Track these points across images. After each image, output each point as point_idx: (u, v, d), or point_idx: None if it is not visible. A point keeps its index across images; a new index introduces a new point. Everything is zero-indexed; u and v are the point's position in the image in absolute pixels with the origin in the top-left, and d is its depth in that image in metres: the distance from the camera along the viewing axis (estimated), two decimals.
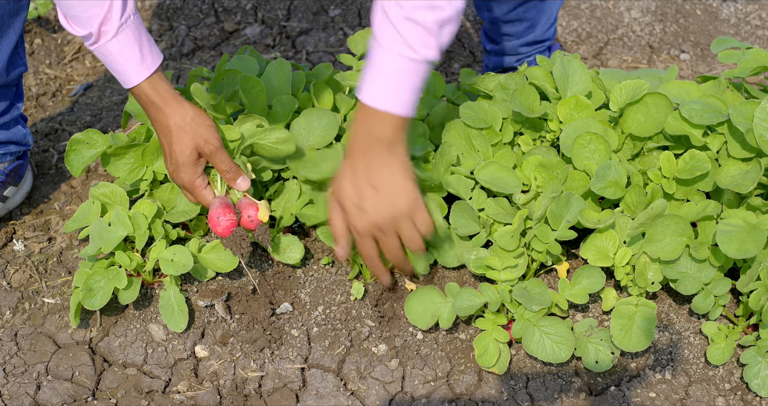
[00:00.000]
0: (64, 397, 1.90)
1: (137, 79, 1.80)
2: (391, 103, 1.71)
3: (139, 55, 1.78)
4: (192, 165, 1.87)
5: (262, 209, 1.91)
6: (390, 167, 1.76)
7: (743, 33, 3.07)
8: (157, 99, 1.82)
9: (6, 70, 2.11)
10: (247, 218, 1.90)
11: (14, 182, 2.28)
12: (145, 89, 1.81)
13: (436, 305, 1.96)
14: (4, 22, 2.04)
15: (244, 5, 3.14)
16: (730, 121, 1.98)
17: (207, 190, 1.92)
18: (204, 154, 1.86)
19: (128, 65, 1.79)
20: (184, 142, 1.84)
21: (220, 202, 1.89)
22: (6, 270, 2.17)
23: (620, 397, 1.91)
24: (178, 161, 1.86)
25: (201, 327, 2.03)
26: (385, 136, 1.73)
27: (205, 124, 1.85)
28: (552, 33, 2.53)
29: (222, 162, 1.87)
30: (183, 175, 1.88)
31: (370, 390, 1.92)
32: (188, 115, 1.83)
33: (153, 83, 1.82)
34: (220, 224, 1.87)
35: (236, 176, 1.90)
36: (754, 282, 1.86)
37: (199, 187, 1.90)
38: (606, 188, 1.96)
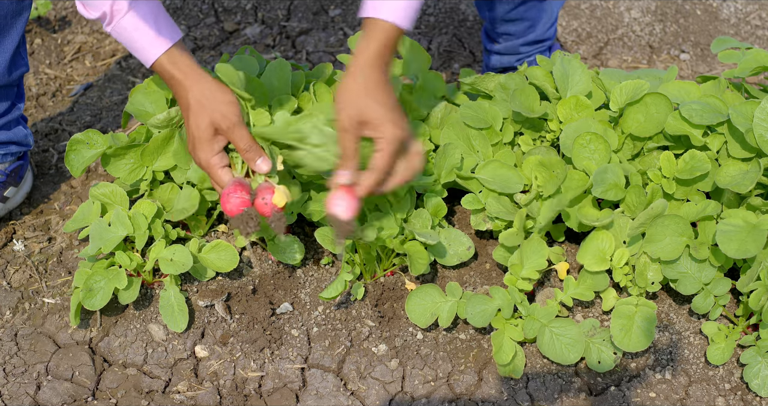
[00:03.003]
0: (64, 397, 1.90)
1: (155, 54, 1.76)
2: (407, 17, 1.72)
3: (155, 30, 1.75)
4: (208, 141, 1.79)
5: (279, 193, 1.81)
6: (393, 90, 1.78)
7: (743, 33, 3.07)
8: (176, 73, 1.78)
9: (8, 70, 2.11)
10: (261, 200, 1.80)
11: (14, 183, 2.28)
12: (164, 64, 1.78)
13: (436, 304, 1.96)
14: (6, 23, 2.04)
15: (244, 5, 3.14)
16: (730, 121, 1.98)
17: (224, 170, 1.82)
18: (221, 131, 1.78)
19: (145, 40, 1.75)
20: (200, 116, 1.78)
21: (236, 180, 1.80)
22: (6, 270, 2.17)
23: (620, 397, 1.91)
24: (194, 137, 1.79)
25: (201, 327, 2.03)
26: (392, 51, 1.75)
27: (225, 99, 1.79)
28: (552, 33, 2.53)
29: (241, 139, 1.78)
30: (200, 153, 1.80)
31: (370, 390, 1.92)
32: (208, 89, 1.78)
33: (172, 57, 1.78)
34: (230, 201, 1.77)
35: (256, 156, 1.80)
36: (754, 282, 1.86)
37: (215, 166, 1.80)
38: (607, 191, 1.96)
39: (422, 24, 3.07)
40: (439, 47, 2.97)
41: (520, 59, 2.55)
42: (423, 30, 3.04)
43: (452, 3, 3.15)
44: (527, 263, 1.95)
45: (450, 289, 1.97)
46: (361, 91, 1.74)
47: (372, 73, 1.74)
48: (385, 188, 1.81)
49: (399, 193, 2.00)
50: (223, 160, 1.82)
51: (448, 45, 2.98)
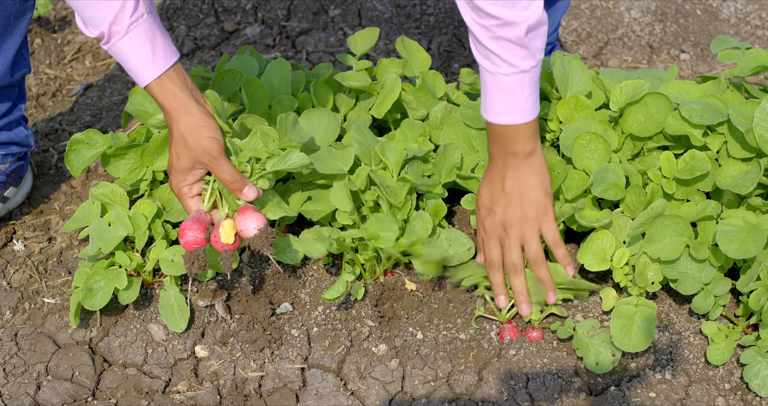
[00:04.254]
0: (64, 397, 1.90)
1: (147, 79, 1.78)
2: (512, 116, 1.78)
3: (150, 55, 1.76)
4: (183, 172, 1.83)
5: (226, 230, 1.83)
6: (523, 177, 1.83)
7: (743, 33, 3.07)
8: (164, 101, 1.80)
9: (10, 71, 2.11)
10: (213, 238, 1.83)
11: (15, 183, 2.28)
12: (154, 90, 1.79)
13: None
14: (9, 23, 2.04)
15: (244, 5, 3.14)
16: (730, 121, 1.98)
17: (193, 200, 1.86)
18: (203, 165, 1.82)
19: (139, 64, 1.77)
20: (181, 148, 1.81)
21: (196, 216, 1.83)
22: (6, 270, 2.17)
23: (620, 397, 1.91)
24: (172, 165, 1.84)
25: (201, 327, 2.03)
26: (517, 148, 1.81)
27: (207, 135, 1.80)
28: (554, 38, 2.53)
29: (223, 171, 1.81)
30: (172, 179, 1.85)
31: (370, 390, 1.92)
32: (192, 123, 1.80)
33: (162, 85, 1.79)
34: (184, 237, 1.80)
35: (242, 186, 1.83)
36: (754, 282, 1.86)
37: (184, 196, 1.86)
38: (607, 191, 1.96)
39: (422, 24, 3.07)
40: (439, 47, 2.97)
41: None
42: (423, 30, 3.04)
43: (452, 3, 3.15)
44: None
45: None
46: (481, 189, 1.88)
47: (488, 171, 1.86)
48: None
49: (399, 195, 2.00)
50: (193, 190, 1.86)
51: (448, 45, 2.99)
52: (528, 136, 1.80)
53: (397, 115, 2.26)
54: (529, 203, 1.83)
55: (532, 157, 1.82)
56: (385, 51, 2.96)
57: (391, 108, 2.18)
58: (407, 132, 2.14)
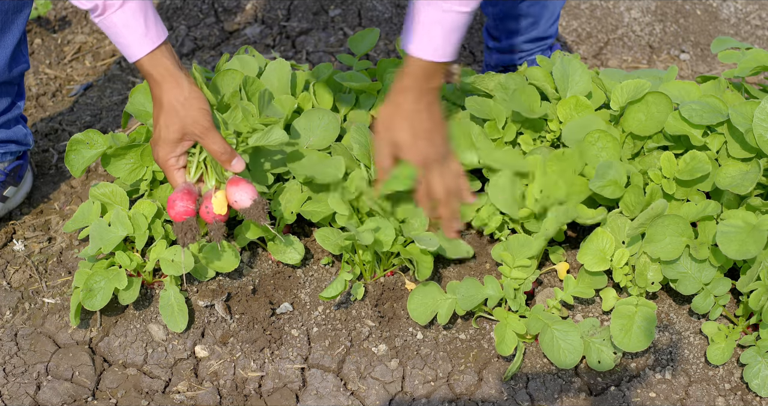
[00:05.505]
0: (64, 397, 1.90)
1: (139, 53, 1.81)
2: (444, 54, 1.87)
3: (143, 29, 1.80)
4: (171, 143, 1.85)
5: (218, 201, 1.86)
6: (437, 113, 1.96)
7: (743, 33, 3.07)
8: (155, 74, 1.83)
9: (8, 66, 2.11)
10: (204, 208, 1.86)
11: (14, 182, 2.28)
12: (146, 64, 1.83)
13: (436, 302, 1.97)
14: (7, 19, 2.04)
15: (244, 5, 3.14)
16: (730, 121, 1.98)
17: (179, 173, 1.89)
18: (193, 135, 1.84)
19: (131, 38, 1.80)
20: (171, 118, 1.83)
21: (185, 187, 1.86)
22: (6, 270, 2.17)
23: (620, 397, 1.91)
24: (160, 135, 1.85)
25: (201, 327, 2.03)
26: (435, 85, 1.92)
27: (198, 106, 1.84)
28: (554, 30, 2.53)
29: (214, 142, 1.84)
30: (159, 151, 1.86)
31: (370, 390, 1.92)
32: (182, 94, 1.83)
33: (154, 59, 1.82)
34: (175, 208, 1.83)
35: (231, 157, 1.87)
36: (754, 282, 1.86)
37: (171, 167, 1.88)
38: (605, 187, 1.96)
39: None
40: None
41: (522, 57, 2.54)
42: None
43: None
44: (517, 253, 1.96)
45: (450, 287, 1.98)
46: (395, 116, 1.94)
47: (406, 100, 1.92)
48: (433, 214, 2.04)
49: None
50: (180, 162, 1.89)
51: None
52: (444, 74, 1.93)
53: None
54: (443, 137, 1.98)
55: (438, 96, 1.96)
56: (385, 51, 2.96)
57: None
58: None
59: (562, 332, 1.90)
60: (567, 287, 1.98)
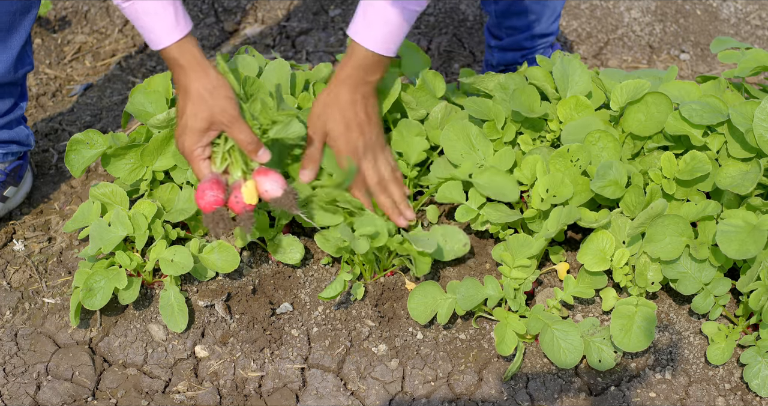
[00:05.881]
0: (64, 397, 1.90)
1: (168, 41, 1.82)
2: (387, 49, 1.91)
3: (173, 17, 1.81)
4: (198, 132, 1.85)
5: (249, 191, 1.86)
6: (375, 107, 2.00)
7: (743, 33, 3.07)
8: (183, 62, 1.84)
9: (14, 67, 2.11)
10: (234, 198, 1.85)
11: (14, 182, 2.28)
12: (173, 51, 1.83)
13: (436, 302, 1.97)
14: (14, 20, 2.04)
15: (244, 5, 3.14)
16: (730, 121, 1.98)
17: (205, 163, 1.88)
18: (220, 124, 1.84)
19: (161, 25, 1.81)
20: (199, 107, 1.83)
21: (213, 177, 1.85)
22: (6, 270, 2.17)
23: (620, 397, 1.91)
24: (186, 124, 1.85)
25: (201, 327, 2.03)
26: (375, 78, 1.96)
27: (225, 94, 1.85)
28: (556, 27, 2.54)
29: (241, 132, 1.85)
30: (186, 140, 1.86)
31: (370, 390, 1.92)
32: (211, 83, 1.84)
33: (183, 47, 1.84)
34: (204, 198, 1.82)
35: (258, 148, 1.87)
36: (754, 282, 1.86)
37: (197, 157, 1.87)
38: (605, 187, 1.96)
39: (422, 24, 3.07)
40: (439, 47, 2.97)
41: (525, 55, 2.54)
42: (423, 30, 3.04)
43: (452, 3, 3.15)
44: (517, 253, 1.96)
45: (450, 287, 1.98)
46: (330, 106, 1.96)
47: (342, 91, 1.95)
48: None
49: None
50: (206, 152, 1.88)
51: (448, 45, 2.99)
52: (384, 70, 1.96)
53: (397, 115, 2.26)
54: (378, 130, 2.01)
55: (376, 90, 1.99)
56: None
57: (391, 108, 2.18)
58: (404, 132, 2.14)
59: (562, 331, 1.90)
60: (567, 287, 1.98)
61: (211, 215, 1.83)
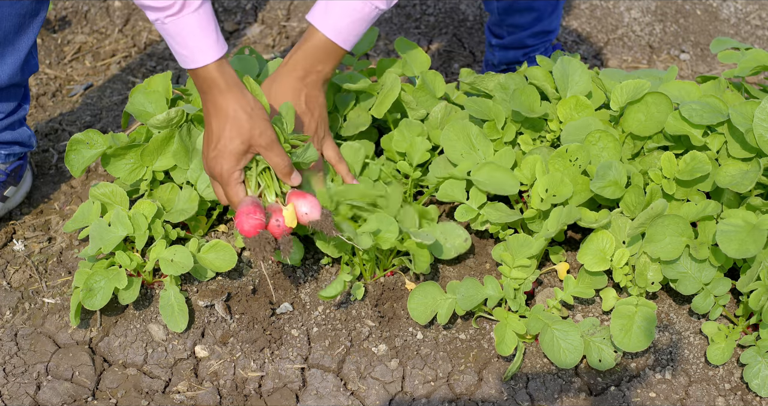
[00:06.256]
0: (64, 397, 1.90)
1: (209, 58, 1.77)
2: (345, 40, 1.91)
3: (215, 34, 1.77)
4: (237, 155, 1.82)
5: (289, 214, 1.83)
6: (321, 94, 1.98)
7: (743, 33, 3.07)
8: (221, 82, 1.79)
9: (21, 69, 2.11)
10: (275, 222, 1.83)
11: (14, 182, 2.28)
12: (213, 71, 1.78)
13: (436, 302, 1.97)
14: (24, 22, 2.04)
15: (244, 5, 3.14)
16: (730, 121, 1.98)
17: (241, 186, 1.85)
18: (258, 147, 1.82)
19: (205, 42, 1.76)
20: (238, 130, 1.80)
21: (252, 200, 1.82)
22: (6, 270, 2.17)
23: (620, 397, 1.91)
24: (225, 148, 1.81)
25: (201, 327, 2.03)
26: (325, 69, 1.95)
27: (263, 116, 1.82)
28: (557, 25, 2.54)
29: (278, 155, 1.83)
30: (224, 163, 1.82)
31: (370, 390, 1.92)
32: (249, 104, 1.81)
33: (221, 67, 1.79)
34: (248, 222, 1.79)
35: (291, 171, 1.86)
36: (754, 282, 1.86)
37: (235, 181, 1.84)
38: (605, 188, 1.96)
39: (422, 24, 3.07)
40: (439, 47, 2.97)
41: (526, 53, 2.54)
42: (423, 30, 3.04)
43: (452, 3, 3.15)
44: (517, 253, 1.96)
45: (450, 287, 1.98)
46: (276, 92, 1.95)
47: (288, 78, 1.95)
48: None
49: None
50: (242, 176, 1.86)
51: (448, 45, 2.99)
52: (337, 64, 1.95)
53: (397, 115, 2.26)
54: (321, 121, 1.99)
55: (326, 84, 1.98)
56: (385, 51, 2.96)
57: (391, 108, 2.18)
58: (405, 132, 2.15)
59: (562, 331, 1.90)
60: (567, 287, 1.98)
61: (255, 238, 1.80)
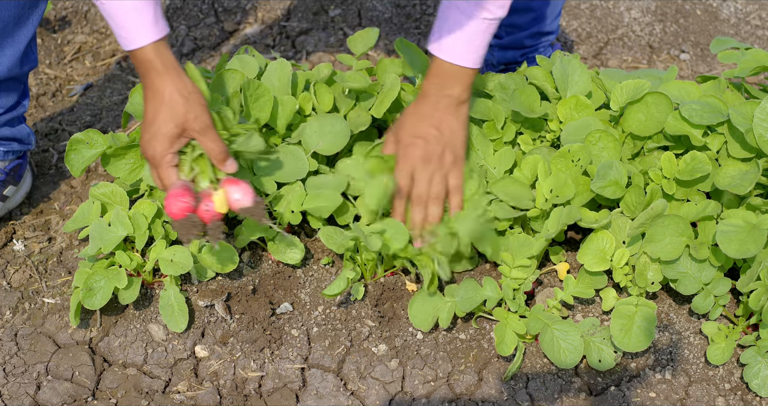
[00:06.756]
0: (64, 397, 1.90)
1: (146, 40, 1.78)
2: (468, 59, 1.90)
3: (153, 16, 1.77)
4: (170, 138, 1.82)
5: (220, 200, 1.85)
6: (452, 122, 1.95)
7: (743, 33, 3.07)
8: (158, 64, 1.79)
9: (20, 62, 2.10)
10: (204, 207, 1.84)
11: (14, 182, 2.28)
12: (150, 53, 1.79)
13: (436, 307, 1.97)
14: (23, 13, 2.04)
15: (244, 5, 3.14)
16: (730, 121, 1.98)
17: (173, 170, 1.85)
18: (193, 131, 1.82)
19: (141, 23, 1.77)
20: (173, 113, 1.80)
21: (182, 184, 1.83)
22: (6, 270, 2.17)
23: (620, 397, 1.91)
24: (158, 131, 1.81)
25: (201, 327, 2.03)
26: (456, 92, 1.93)
27: (200, 101, 1.82)
28: (557, 26, 2.53)
29: (212, 140, 1.83)
30: (157, 146, 1.82)
31: (370, 390, 1.92)
32: (186, 88, 1.81)
33: (159, 48, 1.80)
34: (176, 204, 1.80)
35: (226, 157, 1.86)
36: (754, 282, 1.86)
37: (167, 164, 1.83)
38: (605, 188, 1.96)
39: (422, 24, 3.07)
40: None
41: (525, 53, 2.54)
42: (423, 30, 3.04)
43: None
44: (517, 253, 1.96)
45: (449, 290, 1.98)
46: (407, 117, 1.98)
47: (422, 105, 1.96)
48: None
49: None
50: (175, 159, 1.86)
51: None
52: (468, 83, 1.93)
53: (397, 114, 2.26)
54: (451, 146, 1.95)
55: (463, 105, 1.95)
56: (385, 51, 2.96)
57: (391, 108, 2.18)
58: None
59: (562, 331, 1.90)
60: (567, 287, 1.98)
61: (182, 221, 1.82)
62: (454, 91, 1.93)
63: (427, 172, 1.94)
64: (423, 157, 1.94)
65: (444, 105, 1.94)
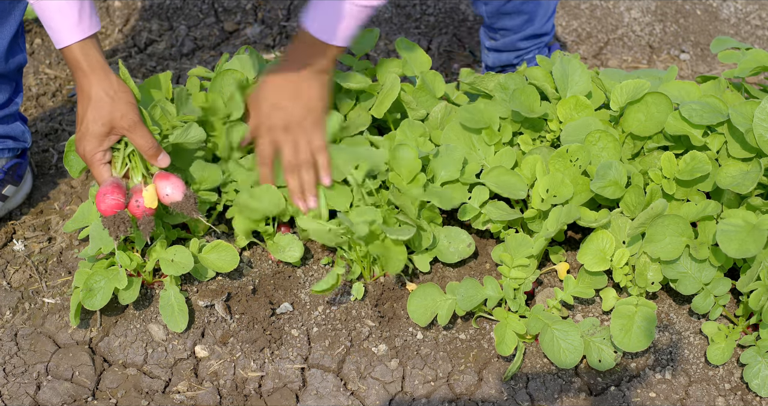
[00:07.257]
0: (64, 397, 1.90)
1: (69, 40, 1.82)
2: (337, 38, 1.94)
3: (76, 17, 1.81)
4: (99, 137, 1.86)
5: (149, 195, 1.89)
6: (312, 88, 1.99)
7: (743, 33, 3.07)
8: (84, 64, 1.84)
9: (5, 57, 2.11)
10: (134, 203, 1.88)
11: (13, 181, 2.27)
12: (75, 52, 1.84)
13: (436, 303, 1.97)
14: (5, 7, 2.04)
15: (244, 5, 3.14)
16: (730, 121, 1.98)
17: (105, 167, 1.90)
18: (121, 129, 1.86)
19: (63, 24, 1.82)
20: (99, 112, 1.85)
21: (113, 181, 1.87)
22: (6, 270, 2.17)
23: (620, 397, 1.91)
24: (87, 130, 1.86)
25: (201, 327, 2.03)
26: (319, 66, 1.98)
27: (127, 99, 1.86)
28: (550, 27, 2.53)
29: (141, 137, 1.87)
30: (87, 145, 1.87)
31: (370, 390, 1.92)
32: (112, 87, 1.85)
33: (85, 48, 1.84)
34: (105, 202, 1.84)
35: (158, 152, 1.90)
36: (754, 282, 1.86)
37: (98, 162, 1.89)
38: (605, 188, 1.96)
39: (422, 24, 3.07)
40: (439, 47, 2.97)
41: (519, 56, 2.54)
42: (423, 30, 3.04)
43: (452, 3, 3.15)
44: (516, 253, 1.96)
45: (450, 288, 1.98)
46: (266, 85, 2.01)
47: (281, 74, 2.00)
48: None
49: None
50: (106, 157, 1.90)
51: (448, 45, 2.98)
52: (333, 58, 1.98)
53: (397, 115, 2.26)
54: (309, 110, 2.00)
55: (324, 74, 2.00)
56: (385, 51, 2.96)
57: (391, 108, 2.18)
58: (407, 132, 2.14)
59: (562, 331, 1.90)
60: (567, 287, 1.98)
61: (111, 218, 1.86)
62: (317, 62, 1.97)
63: (290, 140, 2.00)
64: (284, 126, 1.99)
65: (306, 72, 1.98)
